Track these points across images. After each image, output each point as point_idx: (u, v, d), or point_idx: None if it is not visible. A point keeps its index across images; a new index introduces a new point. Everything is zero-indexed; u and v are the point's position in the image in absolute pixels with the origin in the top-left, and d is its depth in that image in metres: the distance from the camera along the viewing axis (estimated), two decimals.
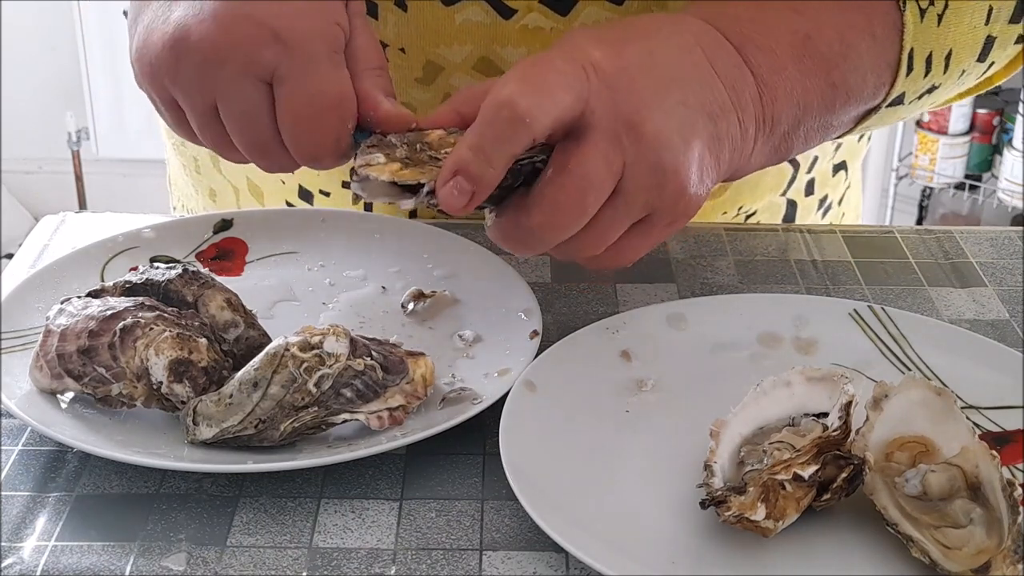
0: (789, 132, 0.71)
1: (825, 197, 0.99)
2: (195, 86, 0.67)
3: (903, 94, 0.75)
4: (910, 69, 0.74)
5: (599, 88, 0.63)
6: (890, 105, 0.76)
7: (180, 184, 1.05)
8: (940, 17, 0.74)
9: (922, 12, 0.73)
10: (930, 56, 0.74)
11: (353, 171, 0.65)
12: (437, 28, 0.83)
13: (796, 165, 0.95)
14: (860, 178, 1.06)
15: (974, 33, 0.76)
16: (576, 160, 0.63)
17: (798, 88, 0.70)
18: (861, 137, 1.01)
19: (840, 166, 0.99)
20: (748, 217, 0.95)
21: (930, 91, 0.77)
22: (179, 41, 0.67)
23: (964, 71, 0.78)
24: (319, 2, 0.67)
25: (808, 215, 0.99)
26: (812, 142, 0.74)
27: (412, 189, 0.64)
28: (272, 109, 0.67)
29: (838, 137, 0.78)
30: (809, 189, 0.97)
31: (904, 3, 0.72)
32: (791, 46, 0.70)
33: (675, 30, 0.68)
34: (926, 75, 0.75)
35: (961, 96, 0.83)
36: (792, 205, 0.97)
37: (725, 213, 0.94)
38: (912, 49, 0.73)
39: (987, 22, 0.76)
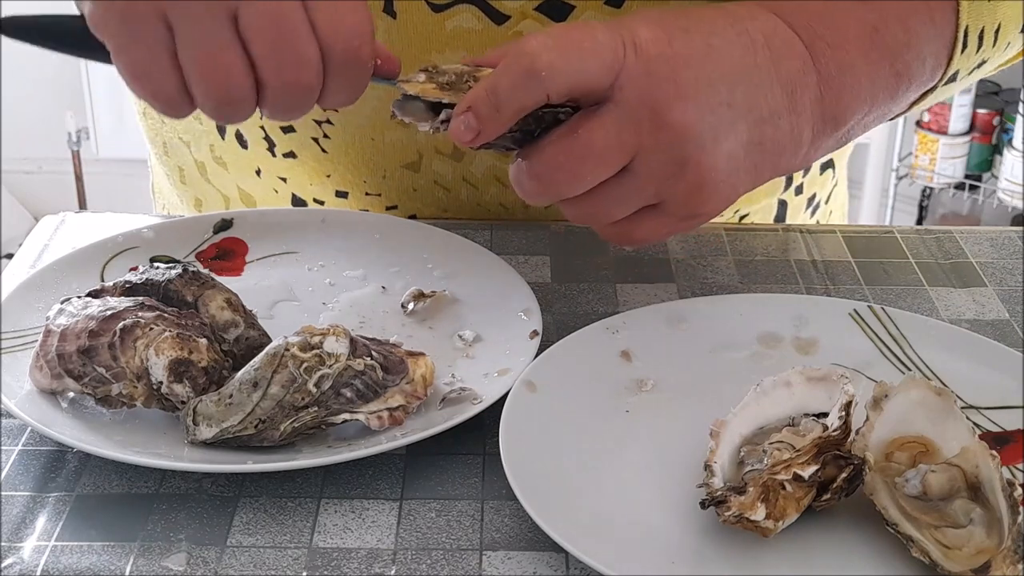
0: (853, 126, 0.70)
1: (813, 196, 0.99)
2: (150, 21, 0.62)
3: (957, 71, 0.74)
4: (964, 46, 0.73)
5: (634, 67, 0.62)
6: (945, 83, 0.75)
7: (165, 192, 1.04)
8: None
9: None
10: (982, 31, 0.73)
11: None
12: (427, 35, 0.82)
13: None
14: (846, 175, 1.06)
15: (1019, 6, 0.75)
16: (585, 127, 0.62)
17: (865, 84, 0.69)
18: None
19: (827, 164, 0.99)
20: (742, 218, 0.95)
21: (979, 65, 0.77)
22: None
23: (1009, 43, 0.77)
24: None
25: (798, 214, 0.99)
26: (870, 128, 0.73)
27: (436, 110, 0.65)
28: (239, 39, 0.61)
29: (892, 119, 0.77)
30: (799, 189, 0.97)
31: None
32: (859, 40, 0.68)
33: (744, 27, 0.66)
34: (978, 50, 0.74)
35: (998, 67, 0.82)
36: (783, 205, 0.97)
37: (721, 216, 0.94)
38: (967, 26, 0.72)
39: None
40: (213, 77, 0.62)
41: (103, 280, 0.79)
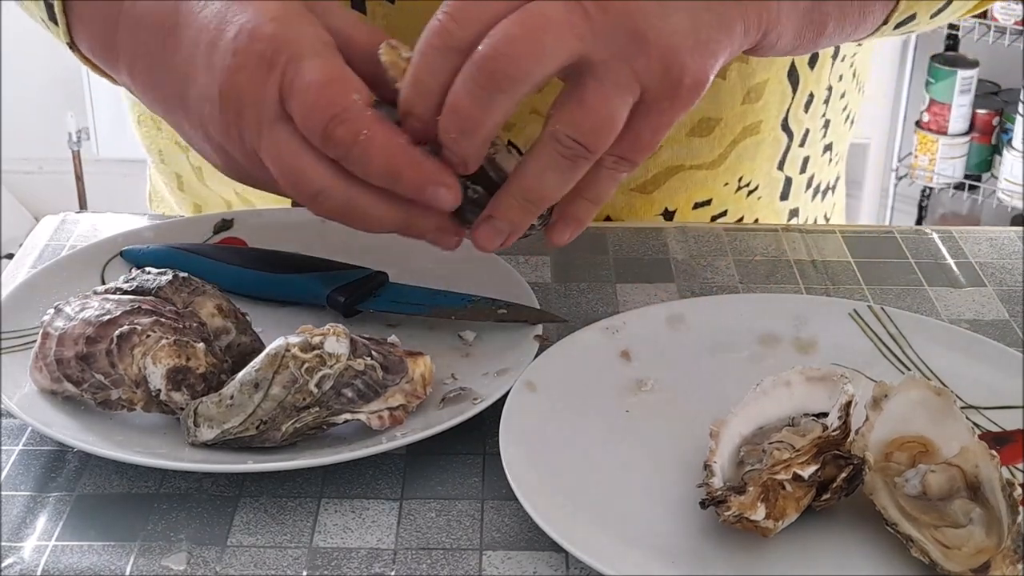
0: None
1: (813, 177, 0.99)
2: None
3: None
4: None
5: None
6: None
7: (164, 198, 1.04)
8: None
9: None
10: None
11: None
12: (427, 19, 0.81)
13: (790, 135, 0.94)
14: (844, 172, 1.06)
15: None
16: (528, 7, 0.59)
17: None
18: (847, 119, 1.01)
19: (828, 148, 0.99)
20: (750, 193, 0.95)
21: None
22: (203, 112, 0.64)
23: None
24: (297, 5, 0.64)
25: (800, 194, 0.99)
26: (849, 19, 0.69)
27: None
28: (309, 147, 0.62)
29: (874, 32, 0.73)
30: (803, 167, 0.97)
31: None
32: None
33: None
34: None
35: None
36: (788, 181, 0.97)
37: (727, 184, 0.93)
38: None
39: None
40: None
41: (103, 281, 0.79)
